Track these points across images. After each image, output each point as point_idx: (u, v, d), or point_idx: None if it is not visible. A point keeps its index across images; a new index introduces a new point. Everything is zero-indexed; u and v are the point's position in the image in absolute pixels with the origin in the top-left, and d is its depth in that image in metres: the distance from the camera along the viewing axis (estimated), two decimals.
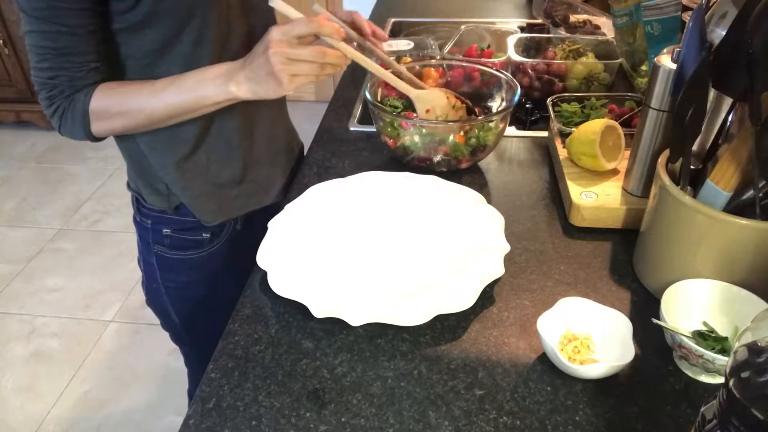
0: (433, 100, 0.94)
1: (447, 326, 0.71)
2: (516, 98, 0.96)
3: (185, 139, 0.86)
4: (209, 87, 0.76)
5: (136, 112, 0.77)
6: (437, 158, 0.97)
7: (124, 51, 0.78)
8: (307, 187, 0.91)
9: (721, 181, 0.67)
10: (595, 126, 0.89)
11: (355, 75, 1.37)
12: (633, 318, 0.66)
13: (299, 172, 1.01)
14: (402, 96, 1.08)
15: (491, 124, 0.94)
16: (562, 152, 0.96)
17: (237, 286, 0.78)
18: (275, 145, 1.00)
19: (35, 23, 0.71)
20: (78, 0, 0.69)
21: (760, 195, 0.65)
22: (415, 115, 1.03)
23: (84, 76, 0.75)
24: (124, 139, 0.87)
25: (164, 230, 0.95)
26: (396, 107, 1.05)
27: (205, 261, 0.98)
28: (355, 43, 0.90)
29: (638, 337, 0.66)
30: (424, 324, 0.69)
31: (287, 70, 0.71)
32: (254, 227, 0.93)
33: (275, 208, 0.92)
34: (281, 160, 1.02)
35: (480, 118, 0.95)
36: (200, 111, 0.79)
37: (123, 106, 0.77)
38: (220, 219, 0.95)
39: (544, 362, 0.66)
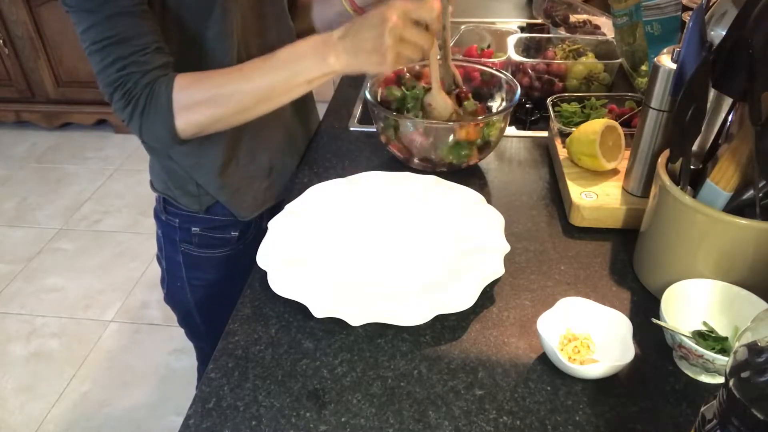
0: (440, 105, 0.94)
1: (447, 326, 0.71)
2: (516, 98, 0.96)
3: (220, 140, 0.86)
4: (304, 61, 0.72)
5: (226, 97, 0.72)
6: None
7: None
8: (307, 187, 0.91)
9: (721, 181, 0.67)
10: (595, 126, 0.89)
11: (355, 75, 1.36)
12: (633, 318, 0.66)
13: (299, 171, 1.01)
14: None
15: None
16: (562, 152, 0.96)
17: None
18: (295, 134, 1.02)
19: (87, 17, 0.68)
20: None
21: (760, 195, 0.65)
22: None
23: (151, 59, 0.71)
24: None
25: (193, 229, 0.95)
26: (395, 94, 1.04)
27: (232, 259, 0.99)
28: None
29: (638, 337, 0.66)
30: (424, 324, 0.69)
31: (396, 48, 0.68)
32: None
33: None
34: (299, 146, 1.05)
35: (480, 118, 0.95)
36: (291, 93, 0.75)
37: (210, 92, 0.73)
38: (255, 212, 0.96)
39: (544, 362, 0.66)
